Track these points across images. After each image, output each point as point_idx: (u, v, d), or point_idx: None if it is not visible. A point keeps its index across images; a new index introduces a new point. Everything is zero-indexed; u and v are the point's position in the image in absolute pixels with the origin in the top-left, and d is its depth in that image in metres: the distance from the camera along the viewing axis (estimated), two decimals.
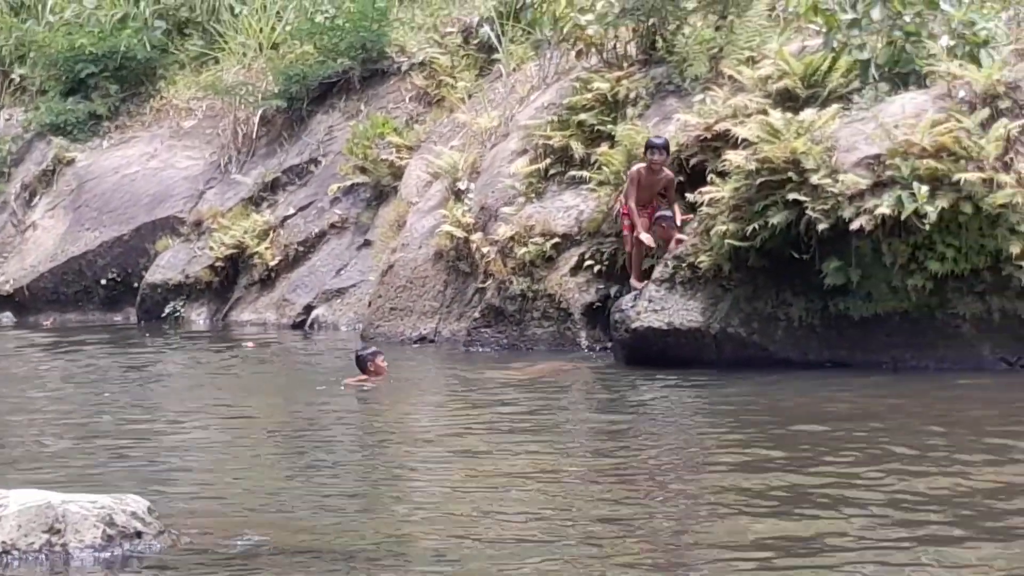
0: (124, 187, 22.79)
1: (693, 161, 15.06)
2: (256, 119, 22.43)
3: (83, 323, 21.66)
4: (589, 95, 16.73)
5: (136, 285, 21.74)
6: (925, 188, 12.84)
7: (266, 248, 20.53)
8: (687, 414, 12.13)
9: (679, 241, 14.32)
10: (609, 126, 16.33)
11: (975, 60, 13.99)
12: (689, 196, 14.59)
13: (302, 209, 20.94)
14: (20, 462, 10.04)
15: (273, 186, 21.62)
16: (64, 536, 7.04)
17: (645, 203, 14.98)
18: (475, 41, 21.10)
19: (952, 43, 14.17)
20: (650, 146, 14.93)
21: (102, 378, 15.30)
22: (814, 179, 13.24)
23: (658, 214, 14.78)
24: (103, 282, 22.25)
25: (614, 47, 17.22)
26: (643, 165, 14.90)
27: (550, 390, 13.27)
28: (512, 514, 8.24)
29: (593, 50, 17.28)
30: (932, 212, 12.79)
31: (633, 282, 14.85)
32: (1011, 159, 13.20)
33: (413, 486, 9.39)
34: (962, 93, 13.61)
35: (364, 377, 13.88)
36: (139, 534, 7.23)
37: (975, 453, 9.59)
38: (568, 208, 16.18)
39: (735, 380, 13.07)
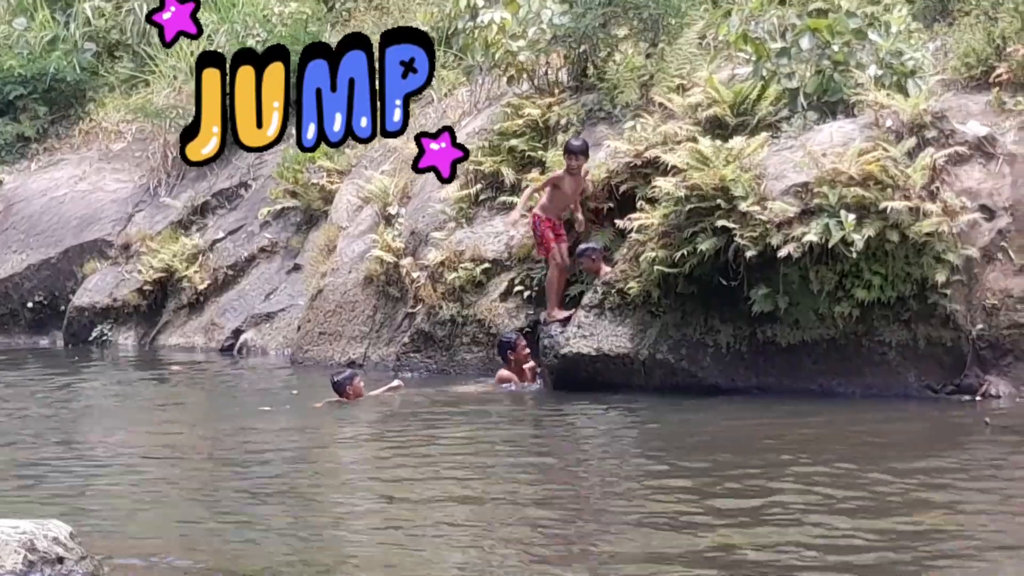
0: (52, 209, 22.62)
1: (623, 187, 15.10)
2: None
3: (8, 346, 21.46)
4: (520, 121, 16.75)
5: (63, 308, 21.56)
6: (852, 216, 12.94)
7: (195, 272, 20.40)
8: (612, 439, 12.16)
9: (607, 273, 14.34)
10: (540, 152, 16.35)
11: (902, 90, 14.12)
12: (619, 222, 14.63)
13: (232, 233, 20.83)
14: None
15: (203, 209, 21.51)
16: None
17: (558, 214, 14.93)
18: None
19: (880, 73, 14.29)
20: (569, 150, 14.91)
21: (25, 402, 15.15)
22: (743, 206, 13.32)
23: (584, 246, 14.73)
24: (29, 305, 22.05)
25: (545, 73, 17.26)
26: (559, 172, 14.89)
27: (477, 414, 13.26)
28: (437, 537, 8.23)
29: (524, 76, 17.31)
30: (859, 240, 12.88)
31: (553, 312, 14.71)
32: (937, 188, 13.31)
33: (343, 510, 9.36)
34: (889, 122, 13.73)
35: (342, 399, 14.18)
36: (61, 559, 7.16)
37: (882, 479, 9.69)
38: (498, 234, 16.18)
39: (662, 406, 13.11)
